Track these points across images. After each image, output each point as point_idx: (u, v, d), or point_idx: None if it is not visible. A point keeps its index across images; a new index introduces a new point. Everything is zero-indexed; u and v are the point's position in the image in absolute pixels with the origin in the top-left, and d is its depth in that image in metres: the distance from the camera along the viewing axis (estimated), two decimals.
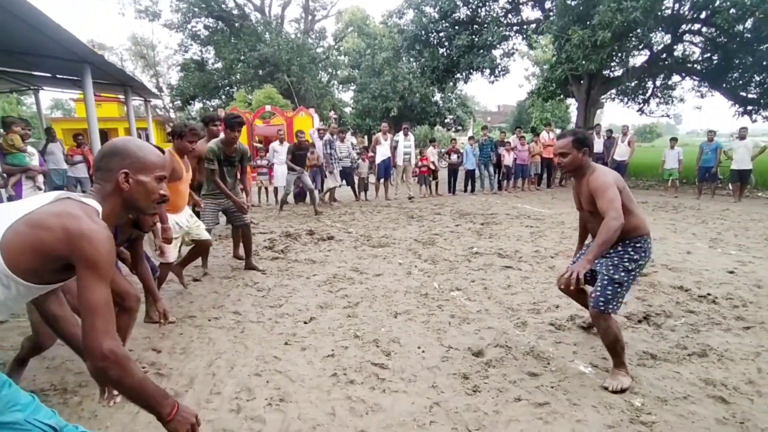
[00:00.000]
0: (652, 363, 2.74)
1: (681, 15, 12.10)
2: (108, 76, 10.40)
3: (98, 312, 1.17)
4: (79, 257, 1.17)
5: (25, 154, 5.03)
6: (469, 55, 14.18)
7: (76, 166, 8.35)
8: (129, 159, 1.35)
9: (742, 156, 9.22)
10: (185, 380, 2.57)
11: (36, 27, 6.12)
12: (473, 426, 2.16)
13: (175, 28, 26.64)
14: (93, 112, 8.78)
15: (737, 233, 6.29)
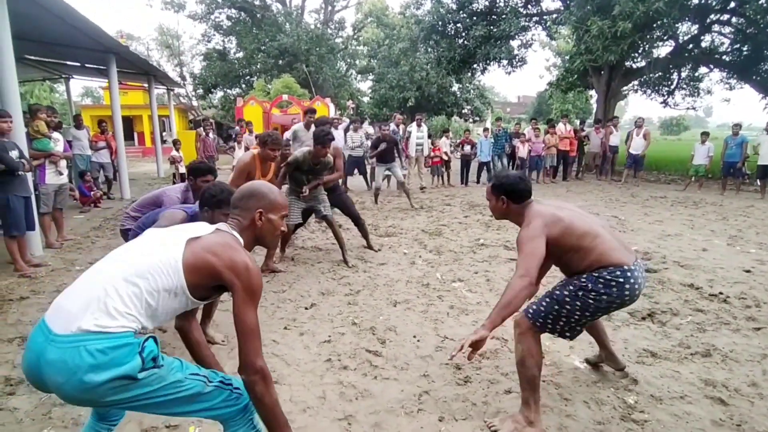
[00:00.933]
0: (652, 361, 2.68)
1: (708, 5, 11.63)
2: (132, 65, 10.68)
3: (254, 334, 1.43)
4: (239, 285, 1.41)
5: (49, 140, 5.23)
6: (486, 45, 13.95)
7: (100, 152, 8.58)
8: (264, 201, 1.61)
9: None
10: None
11: (65, 19, 6.40)
12: (460, 415, 2.16)
13: (199, 18, 27.01)
14: (117, 100, 9.07)
15: (759, 231, 6.04)
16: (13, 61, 4.62)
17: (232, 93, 26.92)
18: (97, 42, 7.79)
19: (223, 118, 26.34)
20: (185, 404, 1.41)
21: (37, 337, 1.28)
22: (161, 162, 13.01)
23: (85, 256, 4.90)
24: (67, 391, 1.24)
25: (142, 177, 13.00)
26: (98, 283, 1.31)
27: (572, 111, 28.75)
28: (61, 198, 5.37)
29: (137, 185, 10.83)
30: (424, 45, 16.59)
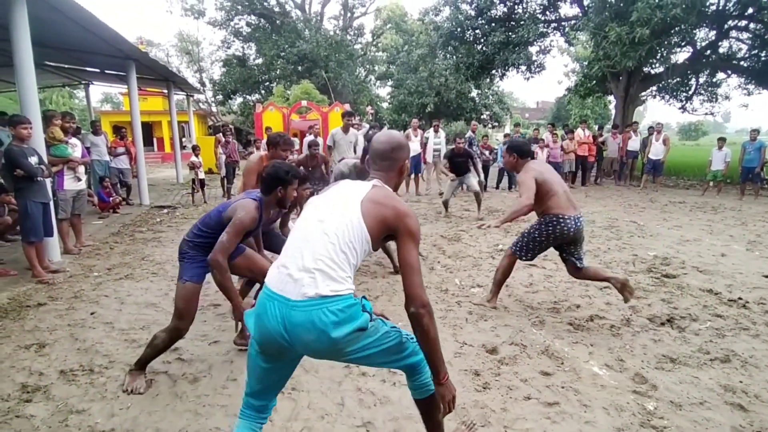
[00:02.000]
0: (671, 367, 2.67)
1: (726, 11, 11.53)
2: (152, 71, 10.94)
3: (417, 270, 1.52)
4: (404, 229, 1.56)
5: (67, 146, 5.25)
6: (504, 51, 13.96)
7: (119, 158, 8.75)
8: (407, 149, 1.79)
9: None
10: (204, 366, 2.71)
11: (85, 26, 6.55)
12: (479, 422, 2.18)
13: (219, 25, 27.58)
14: (136, 106, 9.29)
15: None
16: (33, 68, 4.70)
17: (252, 99, 27.37)
18: (117, 48, 7.96)
19: (242, 124, 26.76)
20: (393, 354, 1.62)
21: (272, 307, 1.49)
22: (180, 168, 13.29)
23: (103, 261, 4.98)
24: (316, 347, 1.48)
25: (161, 183, 13.29)
26: (320, 256, 1.49)
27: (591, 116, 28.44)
28: (79, 204, 5.40)
29: (156, 191, 11.08)
30: (442, 51, 16.67)
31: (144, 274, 4.51)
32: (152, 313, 3.52)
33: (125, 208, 8.44)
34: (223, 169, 9.81)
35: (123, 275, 4.47)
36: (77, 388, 2.47)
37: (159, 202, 9.24)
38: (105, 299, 3.82)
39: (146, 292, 3.99)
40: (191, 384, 2.51)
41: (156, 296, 3.89)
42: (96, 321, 3.37)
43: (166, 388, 2.47)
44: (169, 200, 9.71)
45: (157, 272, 4.58)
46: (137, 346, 2.94)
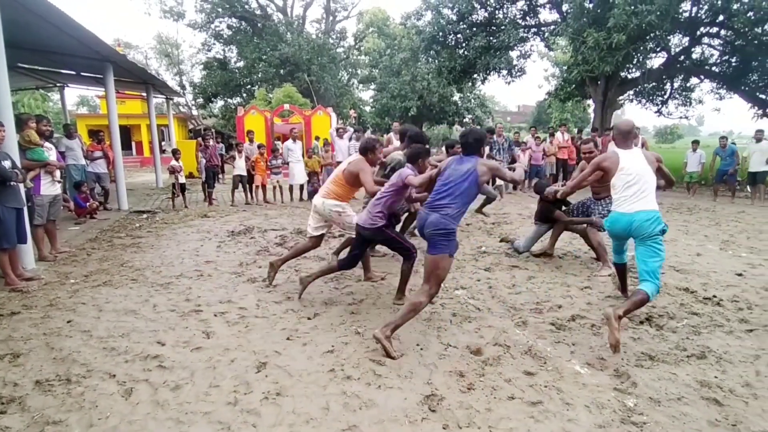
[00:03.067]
0: (650, 364, 2.73)
1: (698, 18, 11.97)
2: (130, 74, 10.74)
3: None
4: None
5: (43, 149, 5.10)
6: (486, 56, 14.15)
7: (96, 162, 8.54)
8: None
9: (758, 159, 9.22)
10: (186, 373, 2.66)
11: (61, 27, 6.40)
12: (464, 422, 2.19)
13: (199, 27, 27.26)
14: (114, 109, 9.09)
15: (750, 236, 6.17)
16: (6, 70, 4.55)
17: (233, 102, 27.09)
18: (94, 50, 7.80)
19: (224, 128, 26.45)
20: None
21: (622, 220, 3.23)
22: (160, 172, 13.07)
23: (80, 268, 4.84)
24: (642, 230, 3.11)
25: (140, 187, 13.03)
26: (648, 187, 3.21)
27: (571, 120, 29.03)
28: (54, 209, 5.25)
29: (135, 196, 10.87)
30: (425, 55, 16.80)
31: (123, 281, 4.41)
32: (132, 320, 3.44)
33: (103, 214, 8.24)
34: (204, 174, 9.66)
35: (101, 282, 4.36)
36: (54, 398, 2.40)
37: (138, 207, 9.06)
38: (82, 307, 3.72)
39: (125, 299, 3.90)
40: (173, 391, 2.46)
41: (136, 303, 3.80)
42: (73, 329, 3.28)
43: (147, 396, 2.42)
44: (149, 205, 9.53)
45: (136, 278, 4.49)
46: (116, 354, 2.88)
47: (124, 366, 2.74)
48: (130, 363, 2.78)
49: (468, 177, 3.04)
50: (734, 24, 10.91)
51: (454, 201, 3.03)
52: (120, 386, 2.51)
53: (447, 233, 2.99)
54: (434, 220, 3.02)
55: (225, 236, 6.37)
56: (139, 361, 2.79)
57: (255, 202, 9.56)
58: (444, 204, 3.04)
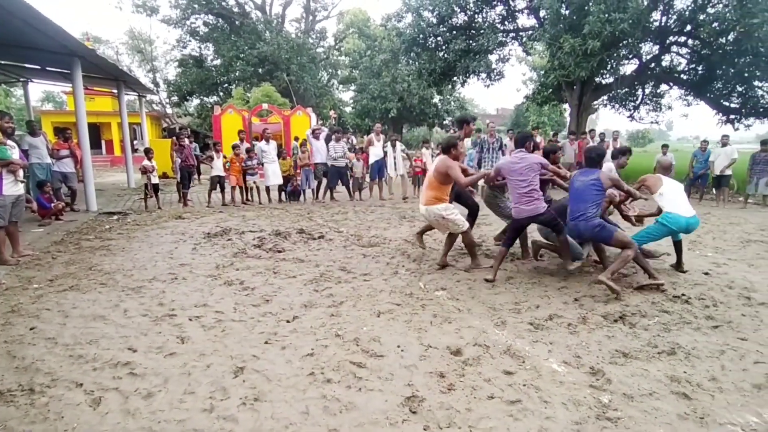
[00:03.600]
0: (623, 361, 2.79)
1: (668, 27, 12.45)
2: (100, 70, 10.39)
3: None
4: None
5: (6, 147, 4.85)
6: (465, 59, 14.30)
7: (63, 161, 8.19)
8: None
9: (722, 162, 9.62)
10: (159, 380, 2.57)
11: (25, 20, 6.14)
12: (444, 423, 2.19)
13: (174, 23, 26.62)
14: (82, 106, 8.75)
15: (715, 236, 6.42)
16: None
17: (209, 101, 26.59)
18: (60, 44, 7.50)
19: (200, 127, 25.94)
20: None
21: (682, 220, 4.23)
22: (132, 172, 12.71)
23: (44, 272, 4.63)
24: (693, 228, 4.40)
25: (110, 188, 12.64)
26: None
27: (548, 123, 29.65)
28: (17, 210, 5.01)
29: (105, 196, 10.53)
30: (405, 57, 16.86)
31: (91, 285, 4.24)
32: (101, 326, 3.30)
33: (69, 215, 7.90)
34: (179, 174, 9.43)
35: (67, 287, 4.19)
36: (16, 409, 2.28)
37: (108, 208, 8.77)
38: (46, 313, 3.56)
39: (94, 304, 3.75)
40: (144, 400, 2.38)
41: (105, 308, 3.66)
42: (36, 336, 3.13)
43: (117, 405, 2.33)
44: (120, 206, 9.24)
45: (106, 282, 4.33)
46: (84, 362, 2.76)
47: (92, 374, 2.63)
48: (98, 371, 2.67)
49: (594, 184, 3.98)
50: (700, 34, 11.36)
51: (589, 205, 3.95)
52: (87, 395, 2.41)
53: (600, 227, 3.92)
54: (584, 227, 3.99)
55: (201, 238, 6.23)
56: (108, 369, 2.69)
57: (233, 203, 9.39)
58: (582, 211, 3.97)
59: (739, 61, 11.47)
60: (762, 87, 12.72)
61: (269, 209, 8.85)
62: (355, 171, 10.27)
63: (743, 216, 8.28)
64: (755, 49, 10.27)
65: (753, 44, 10.04)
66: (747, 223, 7.50)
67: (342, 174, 9.93)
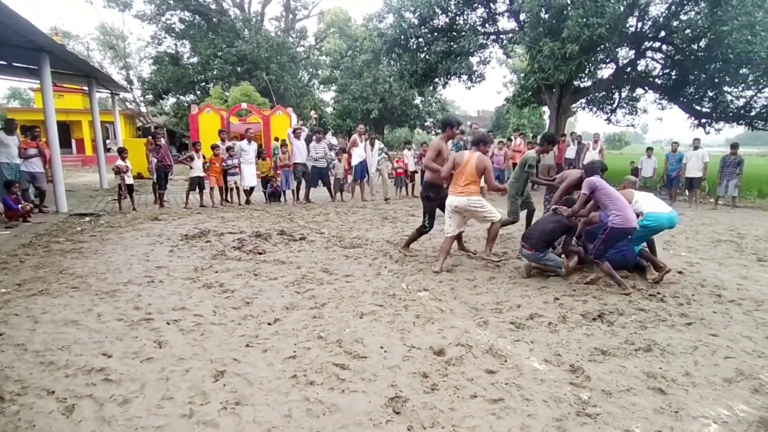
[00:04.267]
0: (602, 358, 2.85)
1: (643, 33, 12.80)
2: (69, 66, 10.06)
3: None
4: None
5: None
6: (446, 60, 14.39)
7: (31, 161, 7.87)
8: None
9: (694, 165, 9.95)
10: (136, 386, 2.49)
11: None
12: (428, 423, 2.19)
13: (148, 19, 25.97)
14: (50, 104, 8.44)
15: (688, 236, 6.63)
16: None
17: (186, 100, 26.06)
18: (28, 39, 7.21)
19: (176, 126, 25.41)
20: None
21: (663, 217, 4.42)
22: (104, 172, 12.36)
23: (11, 276, 4.44)
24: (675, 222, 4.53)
25: (82, 188, 12.25)
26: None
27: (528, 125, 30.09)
28: None
29: (76, 197, 10.20)
30: (386, 58, 16.86)
31: (62, 289, 4.09)
32: (73, 332, 3.19)
33: (38, 217, 7.63)
34: (155, 174, 9.20)
35: (36, 291, 4.02)
36: None
37: (80, 210, 8.49)
38: (15, 318, 3.41)
39: (65, 309, 3.62)
40: (120, 406, 2.30)
41: (77, 313, 3.54)
42: (4, 343, 2.99)
43: (91, 412, 2.25)
44: (92, 207, 8.96)
45: (78, 286, 4.18)
46: (55, 369, 2.66)
47: (65, 381, 2.53)
48: (71, 378, 2.57)
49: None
50: (674, 40, 11.75)
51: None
52: (60, 403, 2.32)
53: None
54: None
55: (178, 240, 6.09)
56: (81, 375, 2.59)
57: (212, 205, 9.22)
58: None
59: (710, 66, 11.87)
60: (731, 92, 13.18)
61: (249, 210, 8.72)
62: (336, 172, 10.23)
63: (714, 217, 8.58)
64: (725, 56, 10.63)
65: (723, 51, 10.41)
66: (717, 224, 7.78)
67: (323, 175, 9.87)
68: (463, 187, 4.73)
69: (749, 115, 13.20)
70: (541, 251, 4.42)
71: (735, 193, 9.83)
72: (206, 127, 14.67)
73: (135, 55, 30.46)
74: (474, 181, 4.73)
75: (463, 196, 4.73)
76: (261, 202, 9.83)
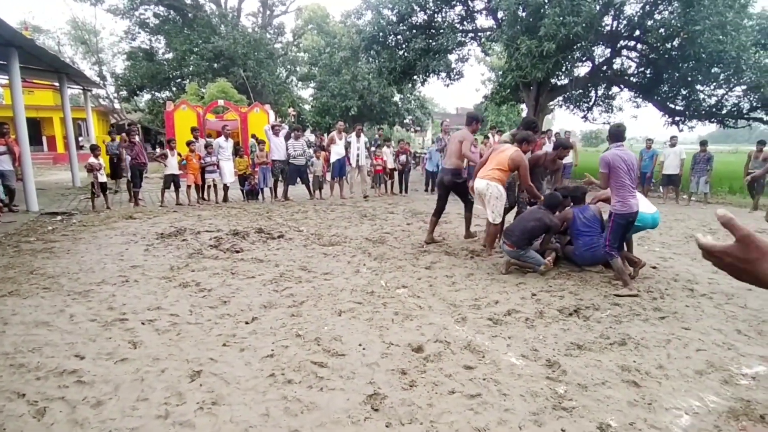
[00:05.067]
0: (578, 352, 2.92)
1: (618, 32, 13.06)
2: (39, 61, 9.74)
3: None
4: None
5: None
6: (425, 58, 14.43)
7: None
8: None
9: (672, 162, 10.14)
10: (109, 387, 2.44)
11: None
12: (406, 419, 2.20)
13: (121, 14, 25.18)
14: (20, 100, 8.18)
15: (662, 232, 6.80)
16: None
17: (161, 96, 25.44)
18: None
19: (151, 123, 24.80)
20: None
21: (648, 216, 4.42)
22: (77, 170, 11.99)
23: None
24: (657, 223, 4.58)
25: (53, 187, 11.87)
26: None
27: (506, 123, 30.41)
28: None
29: (47, 196, 9.88)
30: (365, 55, 16.77)
31: (33, 290, 3.97)
32: (44, 333, 3.10)
33: (7, 216, 7.38)
34: (129, 172, 8.96)
35: (6, 292, 3.89)
36: None
37: (51, 209, 8.22)
38: None
39: (36, 310, 3.51)
40: (94, 408, 2.25)
41: (48, 314, 3.44)
42: None
43: (63, 416, 2.19)
44: (64, 206, 8.69)
45: (49, 287, 4.06)
46: (26, 371, 2.58)
47: (36, 384, 2.46)
48: (42, 380, 2.50)
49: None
50: (648, 39, 12.02)
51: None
52: (31, 406, 2.26)
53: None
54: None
55: (153, 239, 5.96)
56: (53, 378, 2.53)
57: (189, 203, 9.04)
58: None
59: (683, 65, 12.18)
60: (703, 91, 13.57)
61: (226, 209, 8.59)
62: (315, 169, 10.16)
63: (687, 213, 8.85)
64: (698, 55, 10.93)
65: (696, 50, 10.70)
66: (690, 220, 8.03)
67: (301, 172, 9.80)
68: (489, 171, 4.91)
69: (720, 113, 13.63)
70: (523, 248, 4.49)
71: (706, 189, 10.13)
72: (182, 124, 14.36)
73: (108, 50, 29.58)
74: (501, 169, 4.88)
75: (484, 179, 4.92)
76: (239, 200, 9.70)
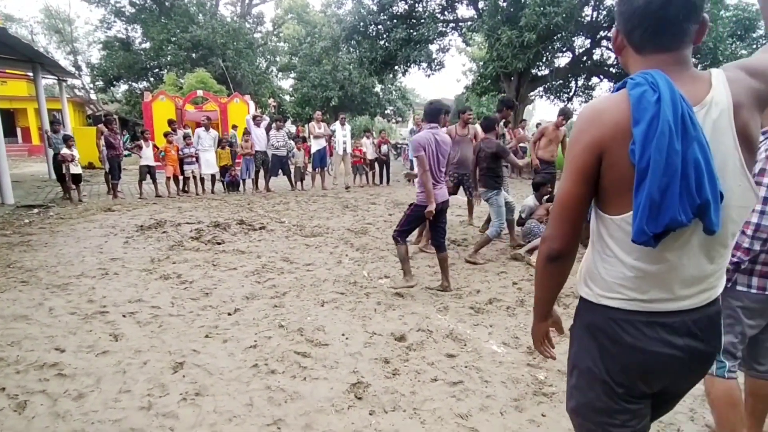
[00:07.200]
0: (558, 339, 2.97)
1: (598, 22, 13.20)
2: (12, 50, 9.41)
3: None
4: None
5: None
6: (406, 48, 14.37)
7: None
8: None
9: None
10: (91, 380, 2.43)
11: None
12: (389, 407, 2.24)
13: (96, 2, 24.37)
14: None
15: None
16: None
17: (139, 87, 24.78)
18: None
19: (129, 114, 24.19)
20: None
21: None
22: (52, 162, 11.64)
23: None
24: None
25: (29, 179, 11.55)
26: None
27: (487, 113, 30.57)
28: None
29: (23, 188, 9.61)
30: (346, 45, 16.62)
31: (10, 283, 3.88)
32: (23, 327, 3.04)
33: None
34: (107, 164, 8.76)
35: None
36: None
37: (27, 201, 8.00)
38: None
39: (14, 304, 3.44)
40: (75, 401, 2.24)
41: (27, 307, 3.37)
42: None
43: (44, 409, 2.17)
44: (41, 199, 8.46)
45: (27, 280, 3.97)
46: (5, 365, 2.55)
47: (16, 377, 2.44)
48: (22, 374, 2.47)
49: None
50: None
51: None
52: (11, 400, 2.24)
53: None
54: None
55: (133, 231, 5.87)
56: (33, 371, 2.50)
57: (168, 194, 8.89)
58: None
59: None
60: None
61: (207, 200, 8.48)
62: (296, 160, 10.10)
63: None
64: None
65: None
66: None
67: (283, 163, 9.73)
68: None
69: None
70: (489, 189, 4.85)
71: None
72: (160, 115, 14.05)
73: (83, 39, 28.66)
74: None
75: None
76: (219, 192, 9.59)
